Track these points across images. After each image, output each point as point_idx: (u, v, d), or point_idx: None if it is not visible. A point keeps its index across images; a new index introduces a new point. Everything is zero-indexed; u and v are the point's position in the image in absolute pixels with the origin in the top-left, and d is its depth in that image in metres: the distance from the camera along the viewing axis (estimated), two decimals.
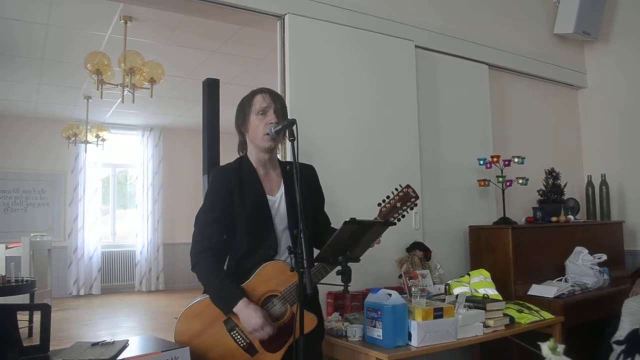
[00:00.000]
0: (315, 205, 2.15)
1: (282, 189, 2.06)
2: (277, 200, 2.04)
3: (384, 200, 2.03)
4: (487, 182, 3.50)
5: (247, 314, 1.83)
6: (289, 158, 2.42)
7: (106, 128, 7.54)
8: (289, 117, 2.02)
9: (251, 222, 1.97)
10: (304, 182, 2.01)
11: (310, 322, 1.90)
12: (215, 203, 1.98)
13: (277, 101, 2.01)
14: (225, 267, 2.01)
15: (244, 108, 2.04)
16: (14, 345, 1.78)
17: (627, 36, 4.36)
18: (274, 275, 1.92)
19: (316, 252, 1.85)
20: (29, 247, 6.24)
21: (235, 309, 1.85)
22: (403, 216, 2.04)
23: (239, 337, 1.90)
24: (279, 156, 2.27)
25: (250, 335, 1.89)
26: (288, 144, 1.86)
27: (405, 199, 2.03)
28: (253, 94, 2.05)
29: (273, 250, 1.97)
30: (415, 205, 2.06)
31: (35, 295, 5.26)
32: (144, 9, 4.38)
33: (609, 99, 4.45)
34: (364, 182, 3.04)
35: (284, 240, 2.00)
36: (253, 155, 2.07)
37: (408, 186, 2.05)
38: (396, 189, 2.05)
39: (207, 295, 1.93)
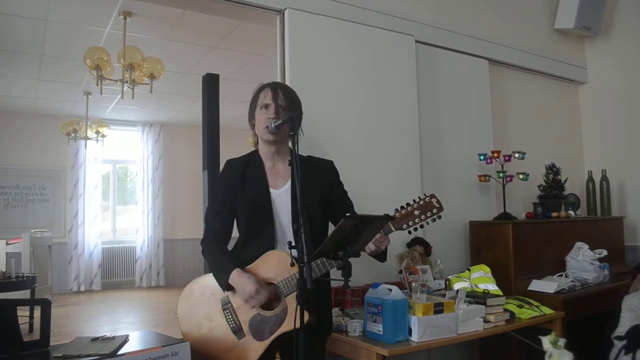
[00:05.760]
0: (333, 199, 2.12)
1: (288, 183, 2.06)
2: (281, 193, 2.04)
3: (402, 207, 1.96)
4: (487, 178, 3.50)
5: (241, 282, 1.87)
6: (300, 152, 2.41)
7: (106, 124, 7.55)
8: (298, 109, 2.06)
9: (250, 214, 2.02)
10: (317, 178, 2.06)
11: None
12: (218, 194, 2.10)
13: (279, 97, 2.02)
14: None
15: (252, 101, 2.11)
16: (14, 340, 1.78)
17: (628, 31, 4.34)
18: (274, 264, 1.93)
19: None
20: (29, 243, 6.24)
21: (230, 280, 1.89)
22: (421, 226, 1.94)
23: (230, 316, 1.95)
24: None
25: (241, 317, 1.93)
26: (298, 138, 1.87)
27: (427, 208, 1.94)
28: (260, 88, 2.09)
29: (269, 244, 1.99)
30: (439, 217, 1.96)
31: (35, 291, 5.26)
32: (144, 5, 4.37)
33: (610, 94, 4.44)
34: (364, 178, 3.03)
35: (285, 233, 2.01)
36: (262, 148, 2.12)
37: (432, 195, 1.97)
38: (419, 197, 1.98)
39: None
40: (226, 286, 1.92)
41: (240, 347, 1.92)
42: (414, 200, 1.98)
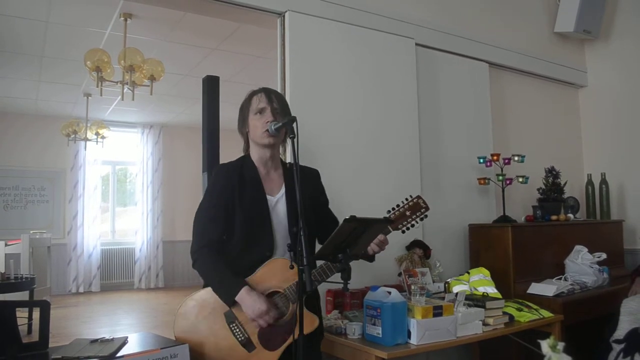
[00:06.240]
0: (318, 208, 2.15)
1: (282, 190, 2.06)
2: (277, 200, 2.04)
3: (393, 208, 2.05)
4: (487, 181, 3.50)
5: (251, 300, 1.84)
6: (289, 156, 2.42)
7: (106, 125, 7.54)
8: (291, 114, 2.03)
9: (249, 222, 1.98)
10: (306, 185, 2.03)
11: (311, 322, 1.89)
12: (214, 201, 2.01)
13: (274, 101, 2.02)
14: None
15: (243, 110, 2.08)
16: (13, 342, 1.78)
17: (628, 35, 4.35)
18: (278, 272, 1.92)
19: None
20: (28, 244, 6.23)
21: (237, 298, 1.85)
22: (412, 225, 2.06)
23: (237, 330, 1.90)
24: (283, 158, 2.26)
25: (248, 329, 1.89)
26: (289, 142, 1.86)
27: (415, 208, 2.05)
28: (251, 95, 2.08)
29: (269, 251, 1.98)
30: (426, 216, 2.08)
31: (34, 292, 5.26)
32: (144, 7, 4.37)
33: (609, 97, 4.44)
34: (363, 180, 3.04)
35: (282, 240, 2.00)
36: (255, 154, 2.08)
37: (419, 197, 2.08)
38: (406, 199, 2.07)
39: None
40: (232, 302, 1.88)
41: (252, 359, 1.89)
42: (402, 202, 2.06)
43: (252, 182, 2.03)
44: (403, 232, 2.05)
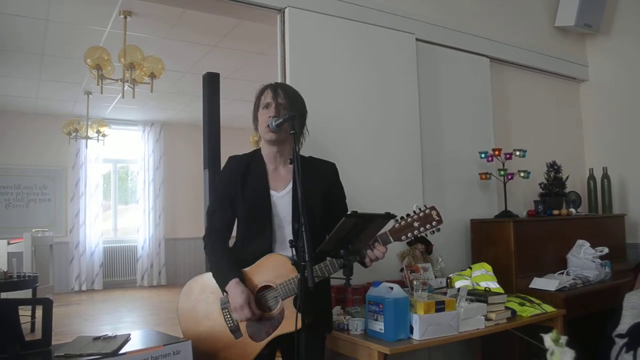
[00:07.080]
0: (330, 203, 2.10)
1: (289, 186, 2.05)
2: (282, 196, 2.04)
3: (402, 218, 1.94)
4: (488, 176, 3.50)
5: (234, 293, 1.90)
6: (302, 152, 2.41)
7: (107, 123, 7.55)
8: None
9: (249, 215, 2.03)
10: (319, 179, 2.05)
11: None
12: (219, 191, 2.11)
13: (280, 96, 2.02)
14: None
15: (254, 103, 2.12)
16: (16, 340, 1.78)
17: (629, 29, 4.33)
18: (273, 267, 1.94)
19: None
20: (30, 243, 6.24)
21: (227, 287, 1.92)
22: (419, 237, 2.06)
23: (228, 316, 1.97)
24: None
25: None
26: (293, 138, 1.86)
27: (426, 220, 1.93)
28: (261, 90, 2.10)
29: (268, 245, 2.00)
30: (438, 230, 1.95)
31: (37, 290, 5.27)
32: (144, 4, 4.37)
33: (611, 91, 4.43)
34: (364, 177, 3.04)
35: (284, 236, 2.01)
36: (264, 149, 2.11)
37: (433, 207, 1.96)
38: (419, 208, 1.96)
39: None
40: (223, 289, 1.96)
41: (237, 345, 1.95)
42: (414, 212, 1.95)
43: (256, 176, 2.05)
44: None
